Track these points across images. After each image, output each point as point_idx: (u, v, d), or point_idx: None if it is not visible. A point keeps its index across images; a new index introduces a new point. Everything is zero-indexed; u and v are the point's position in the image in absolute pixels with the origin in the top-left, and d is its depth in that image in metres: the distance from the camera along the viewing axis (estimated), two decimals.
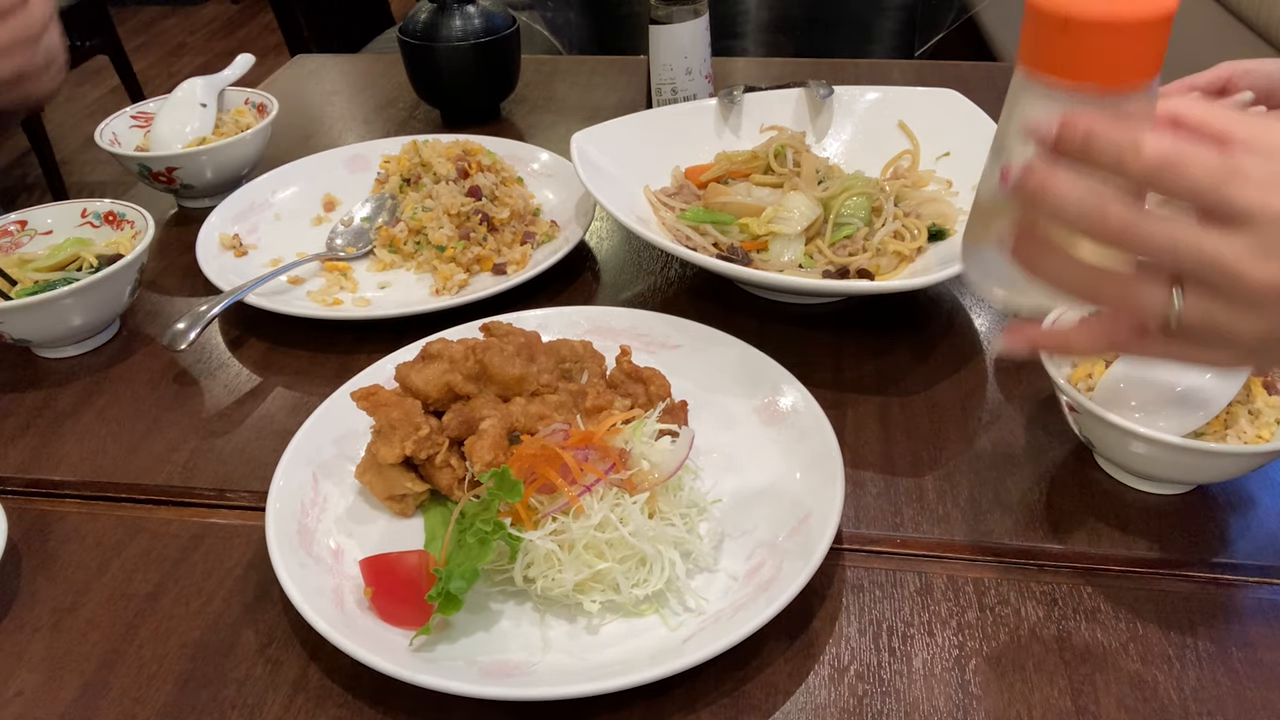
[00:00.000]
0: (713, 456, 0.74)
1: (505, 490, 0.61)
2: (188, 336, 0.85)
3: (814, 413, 0.73)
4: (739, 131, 1.09)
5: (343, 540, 0.68)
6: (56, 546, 0.71)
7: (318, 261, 1.00)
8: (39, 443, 0.81)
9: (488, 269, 0.98)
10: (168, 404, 0.85)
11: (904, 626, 0.63)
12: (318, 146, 1.24)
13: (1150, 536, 0.69)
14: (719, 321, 0.84)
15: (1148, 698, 0.58)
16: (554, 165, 1.12)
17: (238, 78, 1.21)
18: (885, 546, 0.69)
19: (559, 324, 0.85)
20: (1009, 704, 0.58)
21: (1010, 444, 0.77)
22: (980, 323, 0.91)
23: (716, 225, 0.95)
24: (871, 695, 0.59)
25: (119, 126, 1.15)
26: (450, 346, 0.73)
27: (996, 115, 1.01)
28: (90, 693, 0.60)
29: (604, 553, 0.62)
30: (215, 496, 0.75)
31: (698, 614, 0.62)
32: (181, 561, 0.69)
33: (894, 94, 1.09)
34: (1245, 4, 2.39)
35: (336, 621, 0.60)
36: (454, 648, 0.61)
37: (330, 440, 0.74)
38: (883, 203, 0.95)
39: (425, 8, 1.26)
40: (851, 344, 0.88)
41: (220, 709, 0.59)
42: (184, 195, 1.14)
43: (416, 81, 1.33)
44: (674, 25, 1.14)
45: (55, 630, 0.65)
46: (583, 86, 1.45)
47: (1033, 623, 0.63)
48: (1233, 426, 0.69)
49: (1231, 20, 2.48)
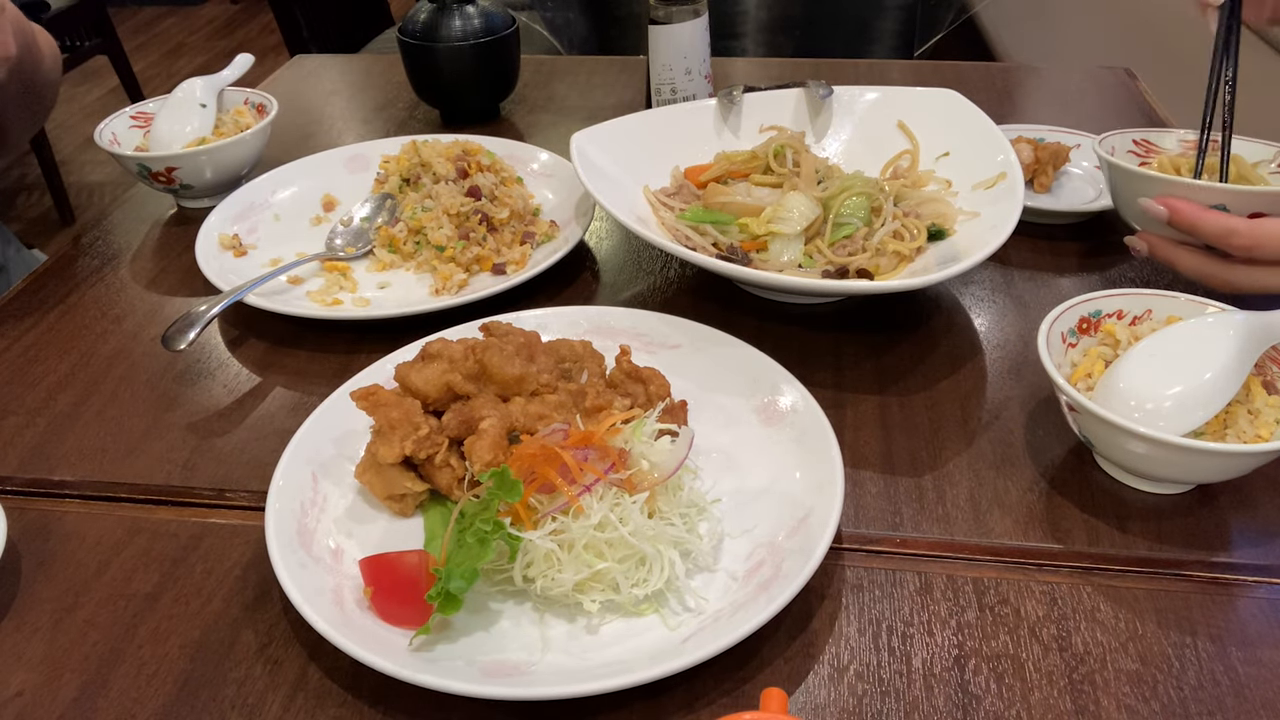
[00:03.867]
0: (713, 456, 0.74)
1: (505, 490, 0.61)
2: (187, 336, 0.85)
3: (814, 412, 0.73)
4: (738, 131, 1.09)
5: (342, 540, 0.68)
6: (56, 546, 0.71)
7: (317, 261, 1.00)
8: (39, 443, 0.81)
9: (487, 269, 0.98)
10: (168, 404, 0.85)
11: (904, 626, 0.63)
12: (317, 146, 1.24)
13: (1150, 536, 0.69)
14: (719, 321, 0.84)
15: (1148, 698, 0.58)
16: (553, 165, 1.12)
17: (237, 78, 1.21)
18: (885, 546, 0.69)
19: (559, 324, 0.85)
20: (1009, 704, 0.58)
21: (1010, 444, 0.77)
22: (980, 323, 0.91)
23: (716, 225, 0.95)
24: (871, 695, 0.59)
25: (118, 126, 1.15)
26: (450, 346, 0.73)
27: (995, 115, 1.02)
28: (90, 693, 0.60)
29: (604, 552, 0.62)
30: (215, 496, 0.75)
31: (697, 614, 0.62)
32: (181, 561, 0.69)
33: (893, 94, 1.09)
34: None
35: (336, 621, 0.60)
36: (454, 648, 0.61)
37: (330, 440, 0.74)
38: (882, 203, 0.95)
39: (425, 8, 1.26)
40: (851, 344, 0.88)
41: (220, 709, 0.59)
42: (183, 195, 1.14)
43: (416, 81, 1.33)
44: (674, 25, 1.14)
45: (55, 630, 0.65)
46: (582, 86, 1.45)
47: (1033, 623, 0.63)
48: (1232, 426, 0.69)
49: None
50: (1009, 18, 2.56)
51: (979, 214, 0.93)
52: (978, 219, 0.92)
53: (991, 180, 0.95)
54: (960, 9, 1.95)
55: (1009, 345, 0.88)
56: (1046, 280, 0.97)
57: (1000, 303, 0.94)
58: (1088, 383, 0.73)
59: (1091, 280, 0.96)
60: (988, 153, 0.97)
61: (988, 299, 0.94)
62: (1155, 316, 0.77)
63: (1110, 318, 0.77)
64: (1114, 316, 0.77)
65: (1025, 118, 1.30)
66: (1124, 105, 1.34)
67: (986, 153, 0.97)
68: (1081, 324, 0.76)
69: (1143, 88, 1.38)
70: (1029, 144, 1.08)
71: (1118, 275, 0.97)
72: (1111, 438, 0.68)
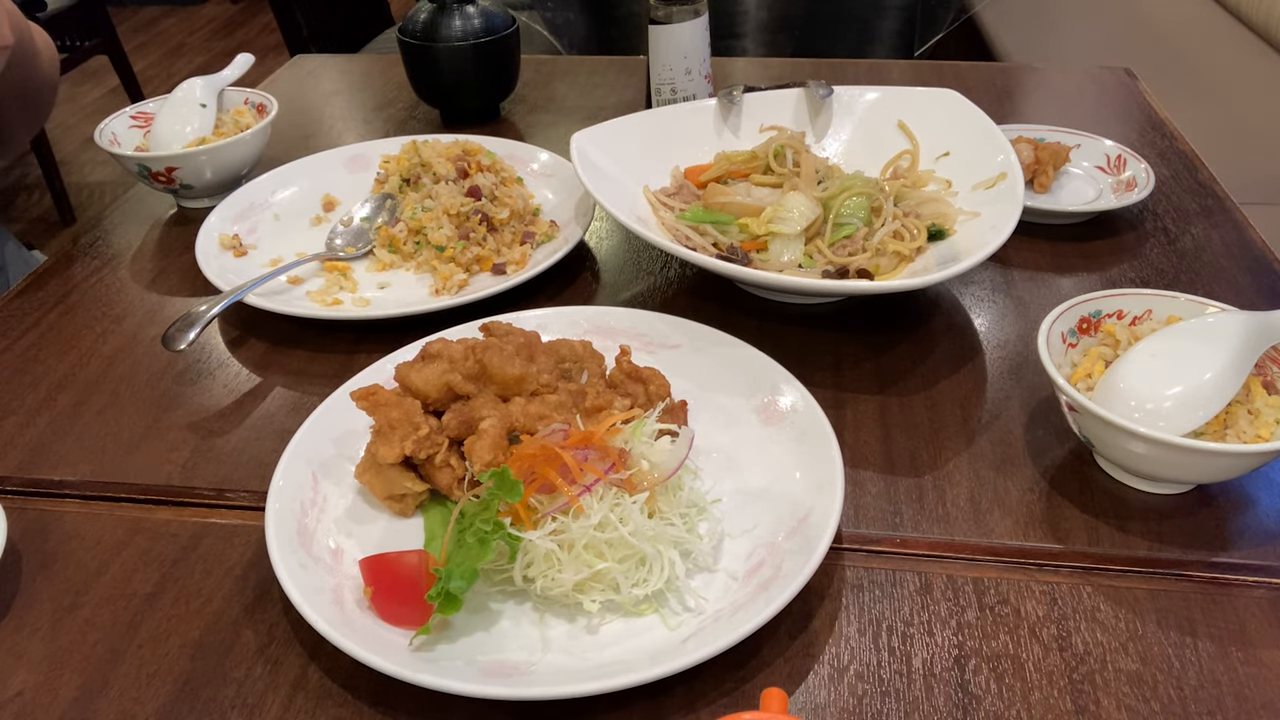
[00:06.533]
0: (712, 456, 0.74)
1: (505, 490, 0.61)
2: (187, 336, 0.85)
3: (814, 412, 0.73)
4: (738, 131, 1.09)
5: (342, 540, 0.68)
6: (56, 546, 0.71)
7: (317, 261, 1.00)
8: (39, 443, 0.81)
9: (487, 269, 0.98)
10: (168, 404, 0.85)
11: (904, 626, 0.63)
12: (317, 146, 1.24)
13: (1150, 536, 0.69)
14: (719, 321, 0.84)
15: (1148, 698, 0.58)
16: (553, 165, 1.12)
17: (237, 78, 1.21)
18: (885, 546, 0.69)
19: (559, 324, 0.85)
20: (1009, 704, 0.58)
21: (1010, 444, 0.77)
22: (980, 323, 0.91)
23: (716, 225, 0.95)
24: (871, 695, 0.59)
25: (118, 126, 1.15)
26: (450, 346, 0.73)
27: (995, 115, 1.02)
28: (90, 693, 0.60)
29: (604, 552, 0.62)
30: (215, 496, 0.75)
31: (697, 614, 0.62)
32: (181, 561, 0.69)
33: (893, 94, 1.09)
34: (1245, 4, 2.39)
35: (336, 621, 0.60)
36: (454, 647, 0.61)
37: (330, 440, 0.74)
38: (882, 203, 0.95)
39: (425, 8, 1.26)
40: (851, 344, 0.88)
41: (220, 709, 0.59)
42: (183, 195, 1.14)
43: (416, 81, 1.33)
44: (674, 25, 1.14)
45: (55, 630, 0.65)
46: (582, 86, 1.45)
47: (1033, 623, 0.63)
48: (1232, 426, 0.69)
49: (1232, 20, 2.48)
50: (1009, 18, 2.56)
51: (979, 214, 0.93)
52: (978, 219, 0.92)
53: (991, 180, 0.95)
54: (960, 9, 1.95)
55: (1009, 345, 0.88)
56: (1046, 280, 0.97)
57: (1000, 303, 0.94)
58: (1088, 383, 0.73)
59: (1091, 280, 0.96)
60: (988, 153, 0.97)
61: (988, 299, 0.94)
62: (1155, 316, 0.77)
63: (1110, 318, 0.77)
64: (1114, 316, 0.77)
65: (1025, 118, 1.30)
66: (1124, 105, 1.34)
67: (986, 153, 0.97)
68: (1081, 324, 0.77)
69: (1143, 88, 1.38)
70: (1029, 144, 1.08)
71: (1118, 275, 0.97)
72: (1111, 438, 0.68)
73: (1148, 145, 1.21)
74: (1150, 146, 1.20)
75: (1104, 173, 1.10)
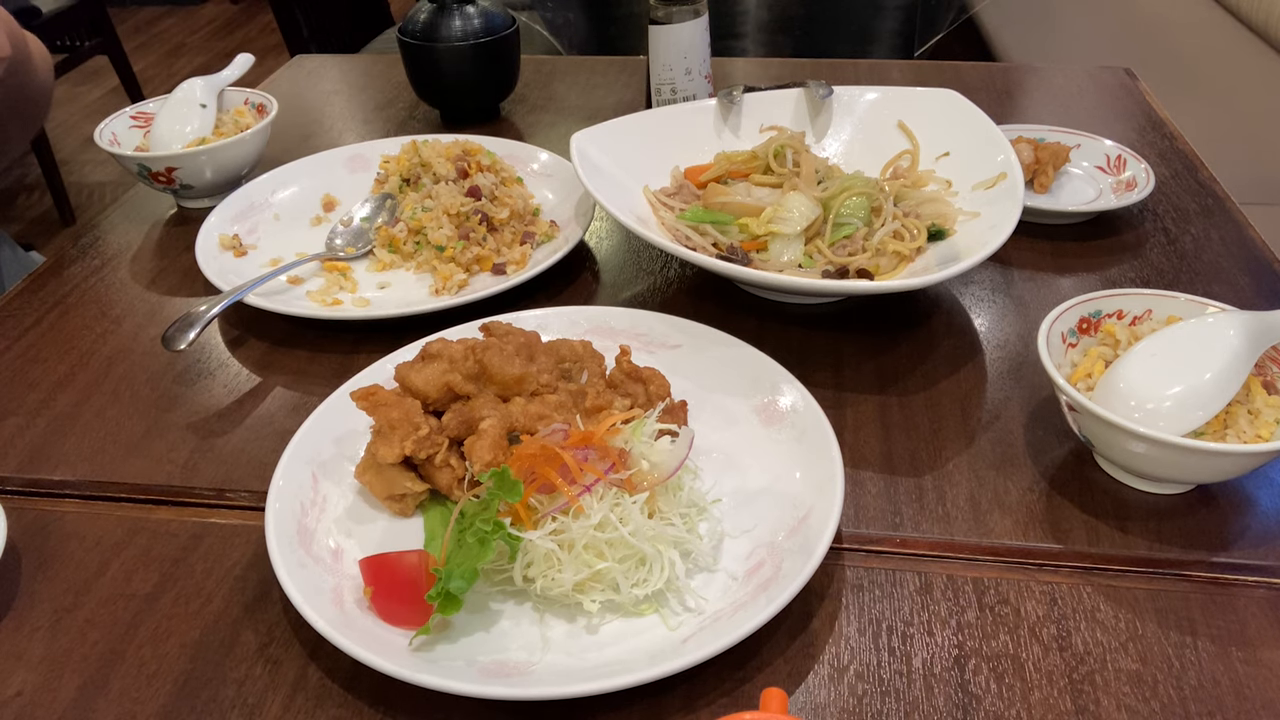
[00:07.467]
0: (713, 456, 0.74)
1: (505, 490, 0.61)
2: (187, 336, 0.85)
3: (813, 412, 0.73)
4: (739, 131, 1.09)
5: (342, 540, 0.68)
6: (56, 546, 0.71)
7: (317, 261, 1.00)
8: (39, 443, 0.81)
9: (487, 269, 0.98)
10: (168, 404, 0.85)
11: (904, 626, 0.63)
12: (317, 146, 1.24)
13: (1150, 536, 0.69)
14: (719, 321, 0.84)
15: (1148, 698, 0.58)
16: (553, 165, 1.12)
17: (237, 78, 1.21)
18: (885, 546, 0.69)
19: (559, 324, 0.85)
20: (1009, 704, 0.58)
21: (1010, 444, 0.77)
22: (980, 323, 0.91)
23: (716, 225, 0.94)
24: (871, 695, 0.59)
25: (118, 127, 1.15)
26: (450, 346, 0.73)
27: (995, 115, 1.02)
28: (90, 693, 0.60)
29: (604, 552, 0.62)
30: (215, 496, 0.75)
31: (697, 614, 0.62)
32: (181, 561, 0.69)
33: (893, 94, 1.08)
34: (1245, 4, 2.39)
35: (336, 621, 0.60)
36: (454, 648, 0.61)
37: (330, 440, 0.74)
38: (882, 203, 0.95)
39: (425, 8, 1.26)
40: (851, 344, 0.88)
41: (220, 709, 0.59)
42: (183, 195, 1.14)
43: (416, 81, 1.33)
44: (674, 25, 1.14)
45: (55, 630, 0.65)
46: (582, 87, 1.45)
47: (1033, 623, 0.63)
48: (1232, 426, 0.69)
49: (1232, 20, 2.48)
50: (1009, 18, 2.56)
51: (979, 214, 0.93)
52: (978, 219, 0.92)
53: (991, 180, 0.95)
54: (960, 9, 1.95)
55: (1009, 345, 0.88)
56: (1046, 280, 0.97)
57: (1000, 303, 0.94)
58: (1088, 383, 0.73)
59: (1091, 280, 0.96)
60: (988, 153, 0.97)
61: (988, 299, 0.94)
62: (1155, 316, 0.77)
63: (1110, 318, 0.77)
64: (1114, 316, 0.77)
65: (1025, 118, 1.30)
66: (1124, 105, 1.34)
67: (986, 153, 0.97)
68: (1081, 324, 0.77)
69: (1143, 88, 1.38)
70: (1029, 144, 1.08)
71: (1118, 275, 0.97)
72: (1111, 438, 0.68)
73: (1148, 145, 1.21)
74: (1150, 146, 1.20)
75: (1104, 173, 1.10)
